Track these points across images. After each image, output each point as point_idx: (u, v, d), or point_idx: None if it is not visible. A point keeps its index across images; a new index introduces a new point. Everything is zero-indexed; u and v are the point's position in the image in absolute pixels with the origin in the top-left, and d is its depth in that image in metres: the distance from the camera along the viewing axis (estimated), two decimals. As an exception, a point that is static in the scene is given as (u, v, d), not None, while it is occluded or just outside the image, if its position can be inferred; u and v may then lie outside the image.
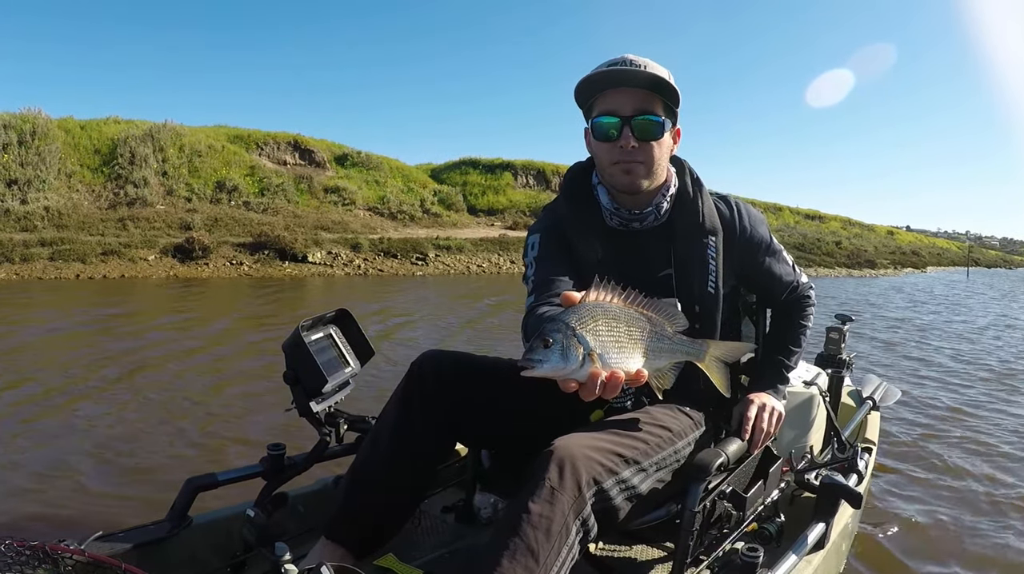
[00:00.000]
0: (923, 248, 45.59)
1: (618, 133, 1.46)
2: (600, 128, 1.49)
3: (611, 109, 1.47)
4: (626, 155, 1.47)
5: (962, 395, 5.59)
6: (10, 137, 17.29)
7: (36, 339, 6.84)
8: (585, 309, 1.08)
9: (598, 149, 1.53)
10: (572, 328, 1.04)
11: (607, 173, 1.52)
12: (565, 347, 1.03)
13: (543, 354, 1.03)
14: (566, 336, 1.04)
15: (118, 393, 4.77)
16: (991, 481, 3.51)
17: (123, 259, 14.70)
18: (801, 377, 2.35)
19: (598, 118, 1.49)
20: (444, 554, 1.78)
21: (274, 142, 22.98)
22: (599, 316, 1.08)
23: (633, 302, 1.16)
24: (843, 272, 28.17)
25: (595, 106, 1.51)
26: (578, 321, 1.05)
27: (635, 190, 1.51)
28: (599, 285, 1.12)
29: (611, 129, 1.47)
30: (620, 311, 1.12)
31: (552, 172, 28.22)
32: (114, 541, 1.46)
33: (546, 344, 1.04)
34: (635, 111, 1.46)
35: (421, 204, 23.76)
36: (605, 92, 1.48)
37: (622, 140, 1.46)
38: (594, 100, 1.51)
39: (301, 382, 1.70)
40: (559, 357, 1.03)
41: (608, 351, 1.08)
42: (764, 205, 39.10)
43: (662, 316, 1.20)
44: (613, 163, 1.49)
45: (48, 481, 3.10)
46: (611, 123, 1.47)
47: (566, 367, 1.04)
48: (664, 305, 1.21)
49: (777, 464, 1.69)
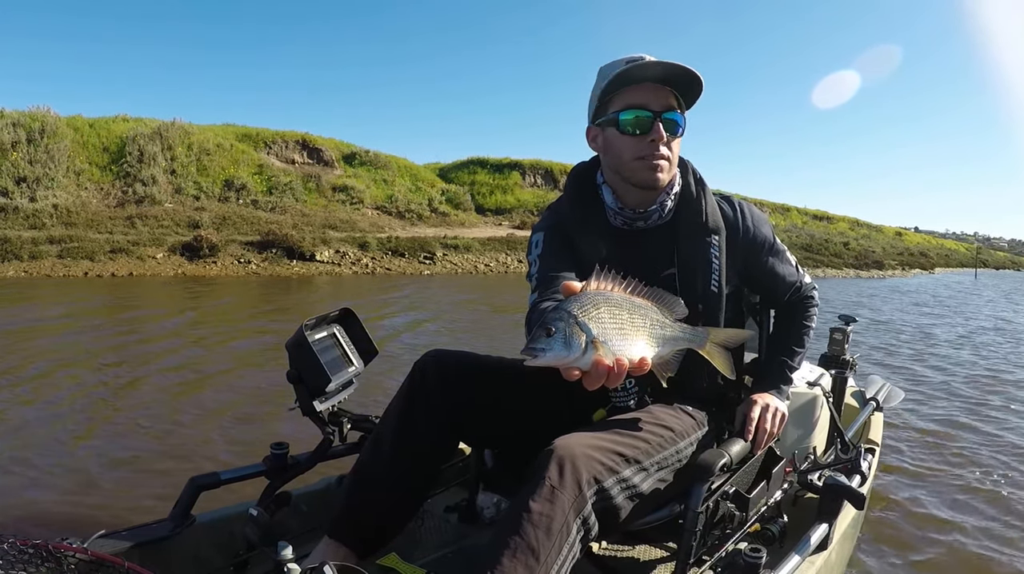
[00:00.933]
0: (931, 249, 45.37)
1: (649, 127, 1.46)
2: (628, 122, 1.47)
3: (641, 103, 1.46)
4: (653, 150, 1.46)
5: (964, 395, 5.56)
6: (19, 135, 17.43)
7: (37, 337, 6.88)
8: (587, 297, 1.07)
9: (622, 143, 1.49)
10: (574, 316, 1.03)
11: (629, 168, 1.50)
12: (568, 335, 1.02)
13: (545, 343, 1.02)
14: (568, 324, 1.03)
15: (120, 391, 4.80)
16: (996, 481, 3.49)
17: (131, 257, 14.79)
18: (805, 378, 2.34)
19: (624, 112, 1.46)
20: (447, 554, 1.79)
21: (282, 141, 23.05)
22: (601, 304, 1.07)
23: (634, 291, 1.15)
24: (851, 273, 28.03)
25: (614, 101, 1.49)
26: (580, 309, 1.04)
27: (657, 186, 1.50)
28: (600, 274, 1.12)
29: (641, 123, 1.46)
30: (622, 299, 1.11)
31: (560, 172, 28.18)
32: (117, 540, 1.46)
33: (548, 333, 1.02)
34: (663, 107, 1.46)
35: (429, 203, 23.80)
36: (632, 87, 1.47)
37: (653, 134, 1.45)
38: (615, 95, 1.49)
39: (305, 381, 1.71)
40: (562, 345, 1.02)
41: (611, 338, 1.06)
42: (771, 205, 38.95)
43: (662, 305, 1.19)
44: (638, 158, 1.47)
45: (51, 480, 3.12)
46: (644, 117, 1.45)
47: (569, 355, 1.02)
48: (664, 294, 1.20)
49: (780, 465, 1.68)
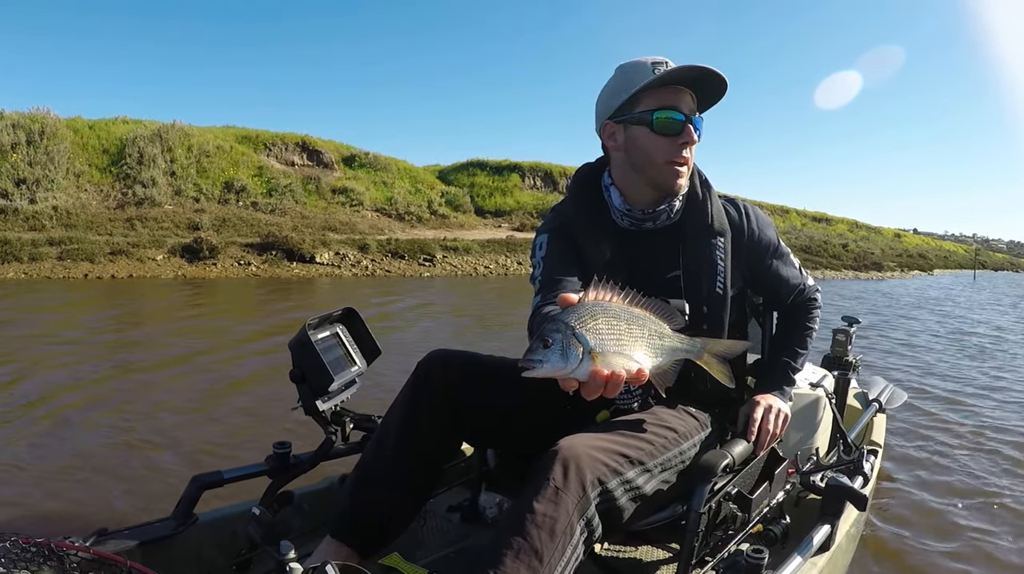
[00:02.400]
0: (930, 251, 45.39)
1: (681, 130, 1.45)
2: (664, 122, 1.45)
3: (674, 105, 1.45)
4: (683, 152, 1.46)
5: (964, 396, 5.56)
6: (19, 136, 17.43)
7: (39, 337, 6.87)
8: (584, 308, 1.07)
9: (654, 144, 1.47)
10: (571, 327, 1.04)
11: (657, 169, 1.48)
12: (565, 346, 1.03)
13: (543, 354, 1.03)
14: (565, 335, 1.04)
15: (122, 390, 4.78)
16: (1000, 482, 3.48)
17: (131, 259, 14.77)
18: (807, 379, 2.34)
19: (660, 111, 1.45)
20: (449, 553, 1.79)
21: (282, 143, 23.05)
22: (599, 315, 1.07)
23: (632, 301, 1.15)
24: (850, 274, 28.04)
25: (645, 100, 1.46)
26: (577, 320, 1.05)
27: (679, 190, 1.51)
28: (597, 284, 1.12)
29: (677, 125, 1.45)
30: (620, 310, 1.12)
31: (560, 174, 28.17)
32: (119, 538, 1.46)
33: (546, 344, 1.04)
34: (691, 111, 1.46)
35: (428, 205, 23.79)
36: (664, 88, 1.45)
37: (685, 136, 1.45)
38: (645, 95, 1.46)
39: (307, 381, 1.71)
40: (559, 357, 1.03)
41: (608, 349, 1.07)
42: (771, 207, 38.98)
43: (659, 315, 1.20)
44: (669, 161, 1.47)
45: (53, 478, 3.11)
46: (679, 120, 1.45)
47: (566, 367, 1.03)
48: (661, 304, 1.20)
49: (783, 466, 1.68)
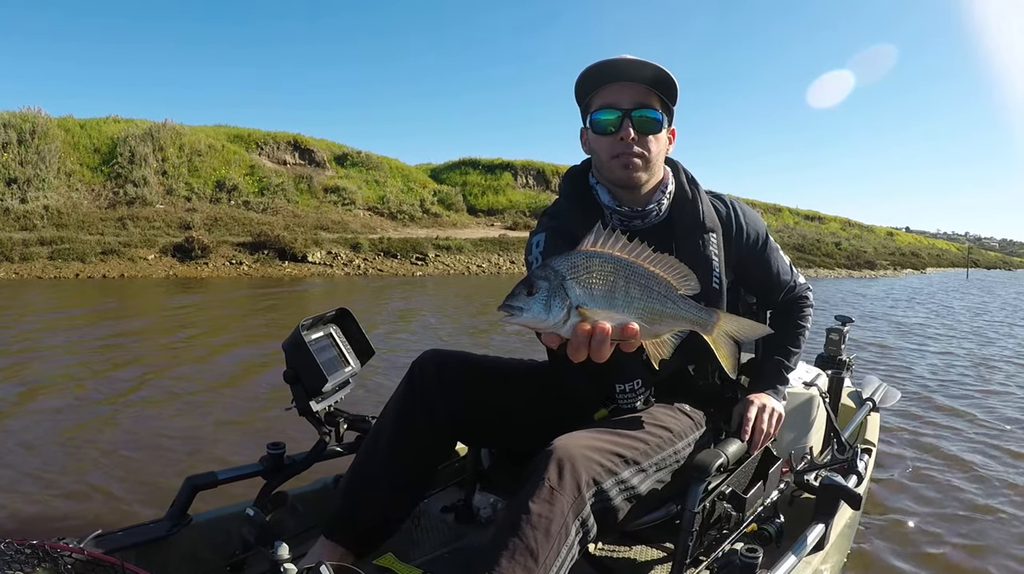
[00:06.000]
0: (922, 249, 45.58)
1: (618, 126, 1.46)
2: (600, 122, 1.48)
3: (611, 103, 1.46)
4: (625, 148, 1.46)
5: (962, 396, 5.59)
6: (10, 136, 17.33)
7: (36, 337, 6.83)
8: (581, 257, 0.97)
9: (597, 143, 1.51)
10: (562, 277, 0.95)
11: (606, 168, 1.51)
12: (550, 297, 0.94)
13: (524, 302, 0.94)
14: (553, 285, 0.94)
15: (117, 391, 4.76)
16: (993, 482, 3.50)
17: (123, 258, 14.70)
18: (801, 378, 2.35)
19: (597, 112, 1.48)
20: (443, 554, 1.78)
21: (274, 142, 22.98)
22: (595, 267, 0.97)
23: (639, 255, 1.02)
24: (843, 273, 28.15)
25: (593, 101, 1.50)
26: (570, 269, 0.95)
27: (634, 184, 1.50)
28: (600, 232, 1.02)
29: (611, 122, 1.46)
30: (620, 263, 1.00)
31: (552, 172, 28.18)
32: (113, 540, 1.45)
33: (530, 291, 0.94)
34: (634, 105, 1.46)
35: (421, 204, 23.75)
36: (605, 86, 1.48)
37: (622, 132, 1.45)
38: (592, 96, 1.50)
39: (301, 381, 1.70)
40: (541, 307, 0.94)
41: (599, 307, 0.96)
42: (763, 206, 39.08)
43: (672, 275, 1.05)
44: (613, 157, 1.48)
45: (47, 480, 3.09)
46: (611, 116, 1.46)
47: (547, 319, 0.94)
48: (675, 263, 1.06)
49: (777, 465, 1.68)
